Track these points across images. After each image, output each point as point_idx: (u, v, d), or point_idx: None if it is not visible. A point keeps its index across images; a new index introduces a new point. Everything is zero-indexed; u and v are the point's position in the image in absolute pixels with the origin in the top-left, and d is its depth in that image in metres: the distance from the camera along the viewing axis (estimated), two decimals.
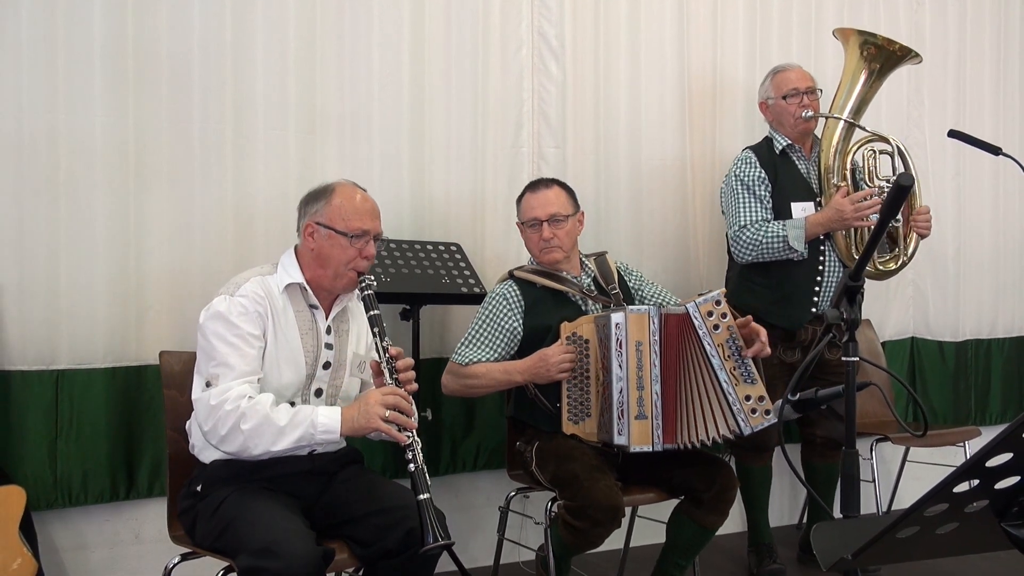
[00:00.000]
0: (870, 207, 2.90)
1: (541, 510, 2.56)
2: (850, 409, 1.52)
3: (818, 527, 1.13)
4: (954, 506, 0.93)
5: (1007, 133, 4.17)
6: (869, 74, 3.07)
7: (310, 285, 2.13)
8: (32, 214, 2.57)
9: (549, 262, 2.64)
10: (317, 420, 1.94)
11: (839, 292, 1.46)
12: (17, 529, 2.31)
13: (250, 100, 2.84)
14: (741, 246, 3.01)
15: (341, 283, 2.12)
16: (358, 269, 2.10)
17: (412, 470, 1.91)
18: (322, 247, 2.11)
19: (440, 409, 3.10)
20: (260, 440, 1.92)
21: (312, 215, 2.13)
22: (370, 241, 2.12)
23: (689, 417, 2.35)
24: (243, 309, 2.02)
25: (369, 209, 2.14)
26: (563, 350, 2.47)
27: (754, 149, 3.13)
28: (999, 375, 4.21)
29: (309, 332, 2.13)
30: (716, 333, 2.32)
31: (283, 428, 1.92)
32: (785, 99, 3.08)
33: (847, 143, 3.06)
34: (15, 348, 2.55)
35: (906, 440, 3.41)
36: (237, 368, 1.97)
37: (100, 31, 2.64)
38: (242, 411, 1.91)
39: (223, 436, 1.93)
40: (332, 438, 1.96)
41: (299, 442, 1.94)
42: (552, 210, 2.62)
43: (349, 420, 1.96)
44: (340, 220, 2.09)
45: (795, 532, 3.63)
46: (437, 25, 3.12)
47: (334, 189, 2.15)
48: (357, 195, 2.15)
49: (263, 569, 1.73)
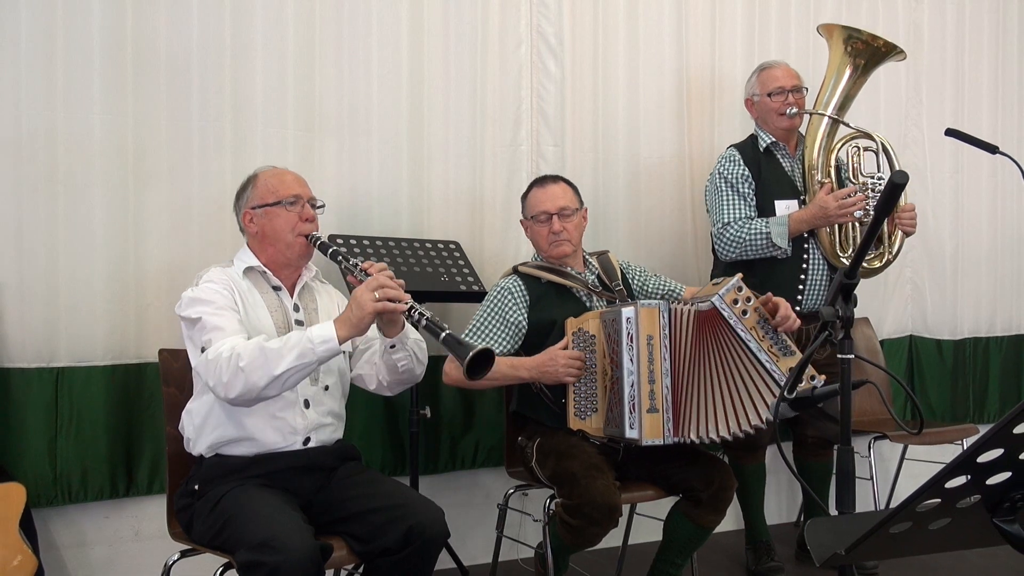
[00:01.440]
0: (854, 204, 2.90)
1: (540, 507, 2.57)
2: (846, 406, 1.52)
3: (812, 523, 1.13)
4: (946, 501, 0.94)
5: (1005, 131, 4.18)
6: (854, 70, 3.06)
7: (268, 267, 2.19)
8: (31, 212, 2.57)
9: (559, 255, 2.65)
10: (312, 334, 1.93)
11: (834, 290, 1.47)
12: (17, 526, 2.32)
13: (249, 98, 2.85)
14: (724, 243, 3.02)
15: (294, 252, 2.17)
16: (304, 233, 2.16)
17: (424, 324, 1.94)
18: (263, 226, 2.18)
19: (439, 406, 3.11)
20: (261, 370, 1.89)
21: (245, 205, 2.22)
22: (305, 205, 2.17)
23: (708, 410, 2.32)
24: (214, 289, 2.07)
25: (294, 179, 2.21)
26: (573, 355, 2.46)
27: (738, 147, 3.13)
28: (997, 373, 4.22)
29: (278, 311, 2.16)
30: (745, 318, 2.31)
31: (279, 350, 1.91)
32: (770, 96, 3.08)
33: (831, 140, 3.05)
34: (15, 346, 2.55)
35: (904, 438, 3.42)
36: (228, 328, 2.00)
37: (99, 29, 2.65)
38: (237, 352, 1.92)
39: (227, 383, 1.92)
40: (331, 346, 1.92)
41: (301, 358, 1.91)
42: (561, 203, 2.63)
43: (344, 322, 1.94)
44: (270, 194, 2.17)
45: (793, 530, 3.64)
46: (436, 23, 3.13)
47: (255, 175, 2.25)
48: (278, 171, 2.24)
49: (262, 563, 1.74)
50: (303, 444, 2.11)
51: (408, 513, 1.96)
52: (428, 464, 3.11)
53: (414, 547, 1.95)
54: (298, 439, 2.10)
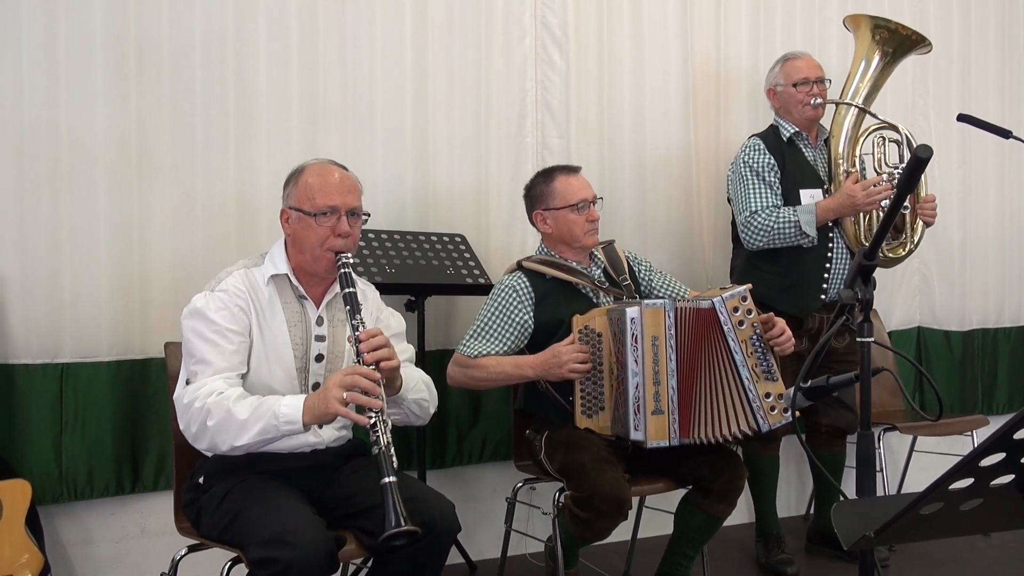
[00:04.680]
0: (881, 192, 2.90)
1: (548, 501, 2.55)
2: (865, 391, 1.50)
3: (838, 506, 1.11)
4: (979, 481, 0.92)
5: (1013, 121, 4.15)
6: (882, 58, 3.07)
7: (296, 273, 2.08)
8: (34, 207, 2.55)
9: (591, 245, 2.64)
10: (279, 411, 1.86)
11: (853, 272, 1.45)
12: (23, 523, 2.30)
13: (252, 91, 2.83)
14: (752, 232, 3.00)
15: (320, 266, 2.05)
16: (333, 249, 2.02)
17: (375, 452, 1.78)
18: (296, 231, 2.06)
19: (446, 401, 3.08)
20: (225, 435, 1.86)
21: (286, 200, 2.10)
22: (341, 218, 2.03)
23: (706, 413, 2.32)
24: (222, 304, 1.98)
25: (336, 185, 2.05)
26: (577, 349, 2.42)
27: (761, 136, 3.12)
28: (1006, 364, 4.20)
29: (298, 324, 2.07)
30: (740, 329, 2.29)
31: (245, 422, 1.85)
32: (795, 87, 3.07)
33: (857, 131, 3.07)
34: (19, 342, 2.53)
35: (914, 429, 3.40)
36: (215, 364, 1.93)
37: (101, 23, 2.62)
38: (208, 408, 1.86)
39: (194, 434, 1.91)
40: (296, 428, 1.86)
41: (263, 434, 1.86)
42: (593, 191, 2.63)
43: (311, 408, 1.85)
44: (307, 200, 2.03)
45: (803, 523, 3.62)
46: (440, 15, 3.11)
47: (302, 169, 2.09)
48: (325, 171, 2.08)
49: (276, 559, 1.70)
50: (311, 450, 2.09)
51: (420, 507, 1.93)
52: (436, 458, 3.09)
53: (425, 541, 1.92)
54: (310, 449, 2.08)
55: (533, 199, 2.69)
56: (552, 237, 2.66)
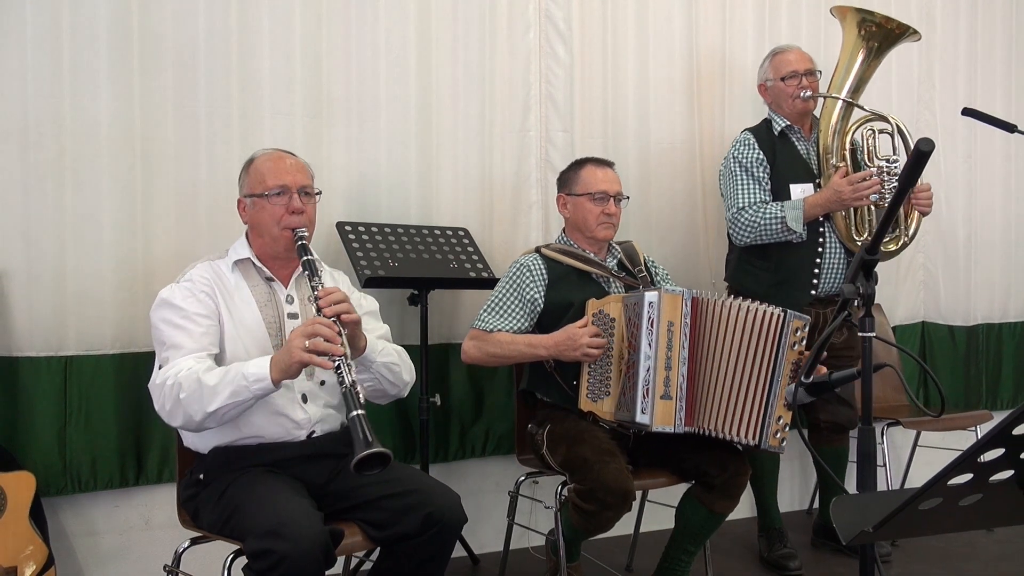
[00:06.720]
0: (868, 187, 2.87)
1: (551, 495, 2.55)
2: (866, 386, 1.49)
3: (837, 501, 1.11)
4: (978, 476, 0.92)
5: (1019, 116, 4.13)
6: (868, 52, 3.03)
7: (261, 259, 2.14)
8: (38, 200, 2.55)
9: (604, 238, 2.65)
10: (247, 371, 1.88)
11: (855, 267, 1.44)
12: (27, 515, 2.31)
13: (256, 84, 2.82)
14: (739, 228, 3.00)
15: (280, 246, 2.11)
16: (290, 226, 2.08)
17: (342, 390, 1.82)
18: (253, 216, 2.13)
19: (448, 395, 3.09)
20: (197, 405, 1.88)
21: (241, 190, 2.17)
22: (293, 196, 2.09)
23: (718, 406, 2.31)
24: (188, 292, 2.03)
25: (284, 166, 2.13)
26: (593, 332, 2.43)
27: (753, 131, 3.11)
28: (1010, 359, 4.19)
29: (268, 304, 2.12)
30: (792, 350, 2.30)
31: (215, 387, 1.88)
32: (783, 81, 3.06)
33: (845, 123, 3.03)
34: (23, 334, 2.54)
35: (917, 424, 3.39)
36: (185, 346, 1.97)
37: (105, 15, 2.62)
38: (179, 382, 1.90)
39: (168, 411, 1.92)
40: (265, 385, 1.88)
41: (235, 396, 1.87)
42: (618, 188, 2.66)
43: (277, 363, 1.87)
44: (258, 184, 2.11)
45: (806, 518, 3.62)
46: (444, 8, 3.10)
47: (251, 159, 2.18)
48: (273, 156, 2.16)
49: (270, 551, 1.72)
50: (308, 437, 2.09)
51: (426, 499, 1.94)
52: (438, 452, 3.09)
53: (432, 532, 1.93)
54: (302, 433, 2.08)
55: (561, 182, 2.76)
56: (570, 223, 2.71)
